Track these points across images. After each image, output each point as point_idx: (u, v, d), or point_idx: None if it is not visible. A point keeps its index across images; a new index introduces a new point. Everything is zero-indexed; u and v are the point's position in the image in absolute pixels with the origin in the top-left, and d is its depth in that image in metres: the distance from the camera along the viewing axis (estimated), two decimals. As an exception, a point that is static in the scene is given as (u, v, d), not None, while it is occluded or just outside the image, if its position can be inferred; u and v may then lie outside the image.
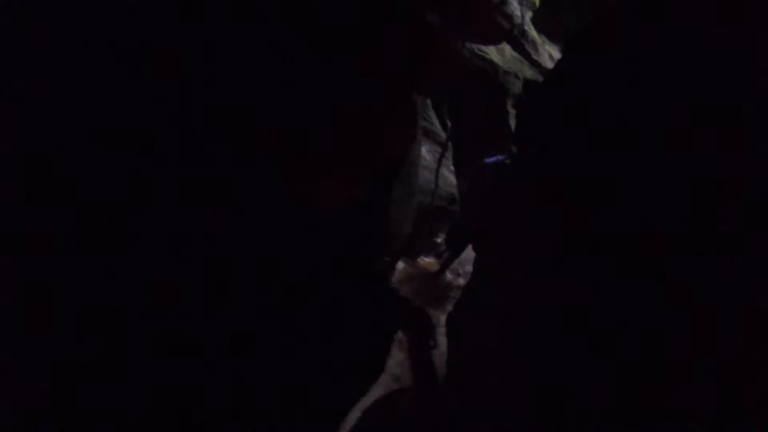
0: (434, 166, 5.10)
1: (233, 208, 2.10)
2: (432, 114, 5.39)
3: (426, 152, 4.91)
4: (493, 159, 4.17)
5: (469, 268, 5.07)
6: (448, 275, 4.71)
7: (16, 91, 1.78)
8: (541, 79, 7.00)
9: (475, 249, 2.98)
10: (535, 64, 6.83)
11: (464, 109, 6.15)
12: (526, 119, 2.72)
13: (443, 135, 5.46)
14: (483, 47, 6.23)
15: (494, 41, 6.14)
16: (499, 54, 6.43)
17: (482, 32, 5.35)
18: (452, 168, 5.61)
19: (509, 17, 6.03)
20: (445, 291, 4.50)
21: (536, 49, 6.77)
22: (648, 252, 1.54)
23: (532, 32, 6.83)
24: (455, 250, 4.60)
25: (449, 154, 5.47)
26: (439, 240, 5.23)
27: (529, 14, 6.80)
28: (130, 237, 1.89)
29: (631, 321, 1.55)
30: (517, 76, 6.69)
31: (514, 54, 6.58)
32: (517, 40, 6.60)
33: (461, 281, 4.79)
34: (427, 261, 4.87)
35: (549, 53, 6.91)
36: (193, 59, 2.00)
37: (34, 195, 1.79)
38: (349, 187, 2.60)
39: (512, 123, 6.61)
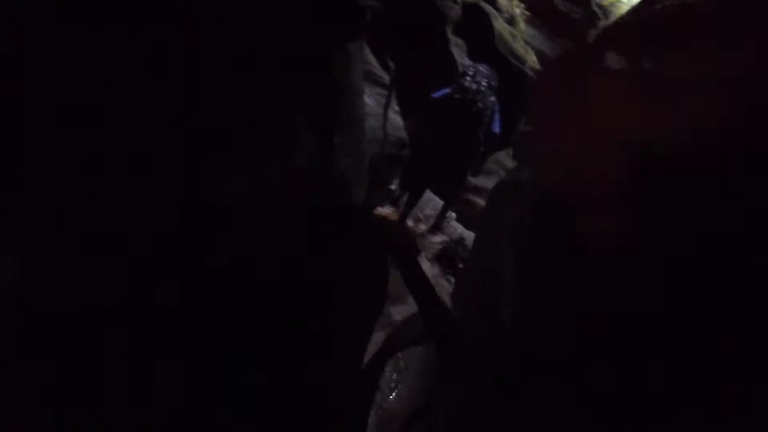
0: (379, 111, 4.74)
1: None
2: (371, 56, 4.93)
3: (368, 97, 4.52)
4: (439, 93, 3.87)
5: (429, 211, 4.97)
6: (409, 223, 4.54)
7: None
8: (480, 2, 6.58)
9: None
10: (474, -15, 6.39)
11: (402, 45, 5.71)
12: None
13: (386, 77, 5.04)
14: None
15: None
16: (435, -24, 5.92)
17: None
18: (398, 110, 5.27)
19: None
20: (408, 239, 4.36)
21: (474, -31, 6.30)
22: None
23: (469, -50, 6.31)
24: (412, 196, 4.39)
25: (394, 96, 5.10)
26: (393, 187, 5.00)
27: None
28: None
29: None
30: (455, 1, 6.25)
31: (452, -24, 6.09)
32: (453, -40, 6.09)
33: (423, 227, 4.66)
34: (384, 211, 4.66)
35: (486, -30, 6.46)
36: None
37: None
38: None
39: (455, 52, 6.25)
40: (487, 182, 5.91)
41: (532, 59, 7.38)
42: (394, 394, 3.08)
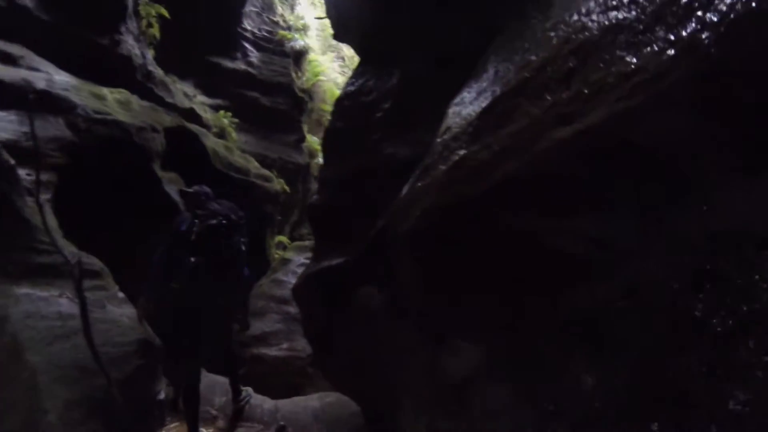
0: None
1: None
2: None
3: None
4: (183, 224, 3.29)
5: (220, 399, 3.90)
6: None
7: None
8: (184, 124, 5.76)
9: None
10: (172, 108, 5.53)
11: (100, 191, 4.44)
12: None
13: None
14: (100, 106, 4.50)
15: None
16: (124, 109, 4.82)
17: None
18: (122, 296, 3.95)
19: (127, 59, 4.49)
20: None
21: (168, 90, 5.43)
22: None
23: (159, 72, 5.41)
24: (188, 395, 3.52)
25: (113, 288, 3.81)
26: (161, 396, 3.71)
27: (150, 52, 5.31)
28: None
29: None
30: (155, 129, 5.24)
31: (144, 103, 5.07)
32: (144, 85, 5.09)
33: (221, 423, 3.63)
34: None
35: (183, 92, 5.69)
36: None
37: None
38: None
39: (168, 188, 5.23)
40: (264, 325, 5.17)
41: (254, 166, 7.00)
42: None
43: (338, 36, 4.68)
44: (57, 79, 4.26)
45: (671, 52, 1.28)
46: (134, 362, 3.44)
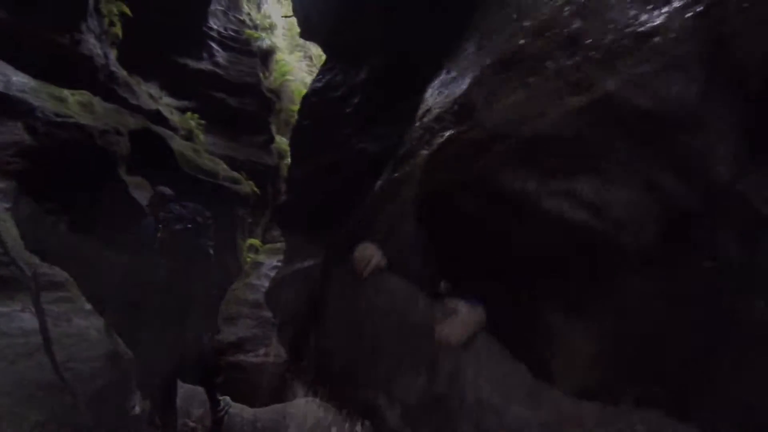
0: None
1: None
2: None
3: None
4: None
5: (197, 409, 3.81)
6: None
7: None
8: (150, 126, 5.57)
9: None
10: (137, 110, 5.34)
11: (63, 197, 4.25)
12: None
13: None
14: (61, 108, 4.30)
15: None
16: (86, 111, 4.62)
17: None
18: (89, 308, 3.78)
19: (88, 59, 4.29)
20: None
21: (132, 92, 5.24)
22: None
23: (122, 72, 5.20)
24: (164, 406, 3.45)
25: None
26: (137, 410, 3.59)
27: (113, 52, 5.09)
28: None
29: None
30: (119, 132, 5.05)
31: (107, 105, 4.87)
32: (107, 86, 4.88)
33: None
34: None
35: (148, 93, 5.51)
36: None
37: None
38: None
39: (134, 192, 5.05)
40: (239, 331, 5.07)
41: (223, 168, 6.84)
42: None
43: (305, 34, 4.61)
44: (14, 80, 4.03)
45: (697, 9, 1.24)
46: (104, 377, 3.32)
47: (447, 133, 1.80)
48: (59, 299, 3.46)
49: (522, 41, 1.66)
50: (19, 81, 4.07)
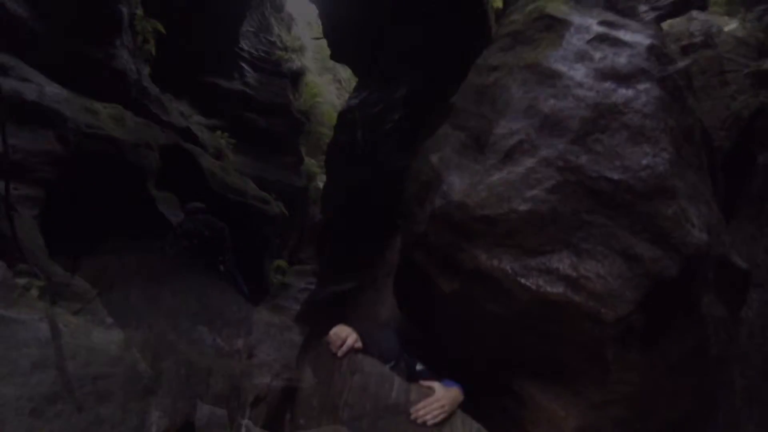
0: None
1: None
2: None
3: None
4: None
5: None
6: None
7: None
8: (180, 142, 5.53)
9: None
10: (168, 126, 5.30)
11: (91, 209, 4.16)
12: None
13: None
14: (92, 120, 4.26)
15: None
16: (118, 125, 4.58)
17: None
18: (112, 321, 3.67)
19: (121, 74, 4.28)
20: None
21: (164, 108, 5.22)
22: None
23: (154, 89, 5.21)
24: None
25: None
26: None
27: (146, 69, 5.11)
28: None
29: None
30: (149, 146, 5.00)
31: (138, 120, 4.84)
32: (138, 101, 4.87)
33: None
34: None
35: (179, 110, 5.48)
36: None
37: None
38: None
39: (162, 206, 4.95)
40: (264, 354, 4.80)
41: (252, 188, 6.75)
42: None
43: (335, 56, 4.61)
44: (48, 90, 4.02)
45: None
46: (120, 394, 3.10)
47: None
48: (80, 311, 3.29)
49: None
50: (52, 91, 4.06)
